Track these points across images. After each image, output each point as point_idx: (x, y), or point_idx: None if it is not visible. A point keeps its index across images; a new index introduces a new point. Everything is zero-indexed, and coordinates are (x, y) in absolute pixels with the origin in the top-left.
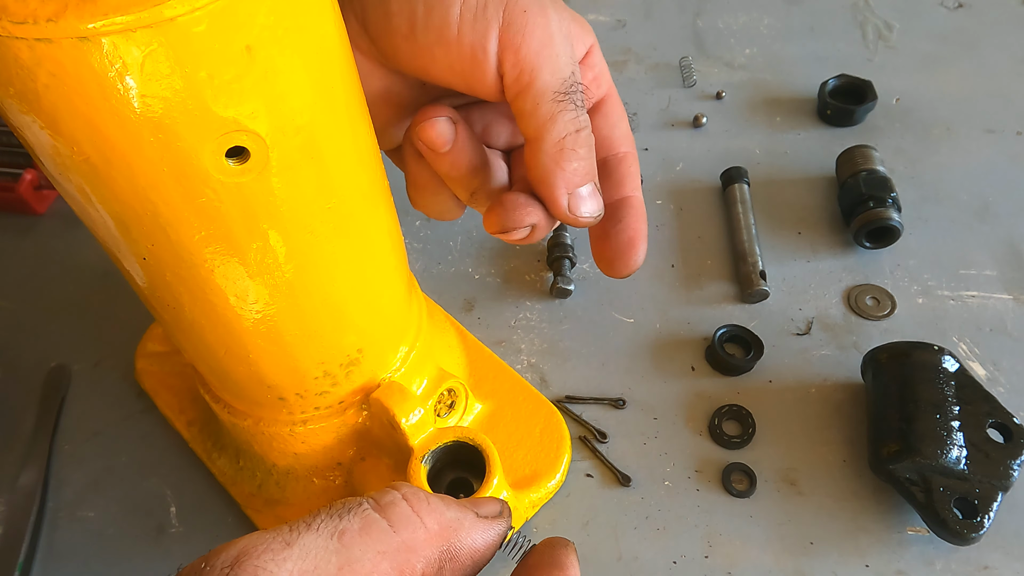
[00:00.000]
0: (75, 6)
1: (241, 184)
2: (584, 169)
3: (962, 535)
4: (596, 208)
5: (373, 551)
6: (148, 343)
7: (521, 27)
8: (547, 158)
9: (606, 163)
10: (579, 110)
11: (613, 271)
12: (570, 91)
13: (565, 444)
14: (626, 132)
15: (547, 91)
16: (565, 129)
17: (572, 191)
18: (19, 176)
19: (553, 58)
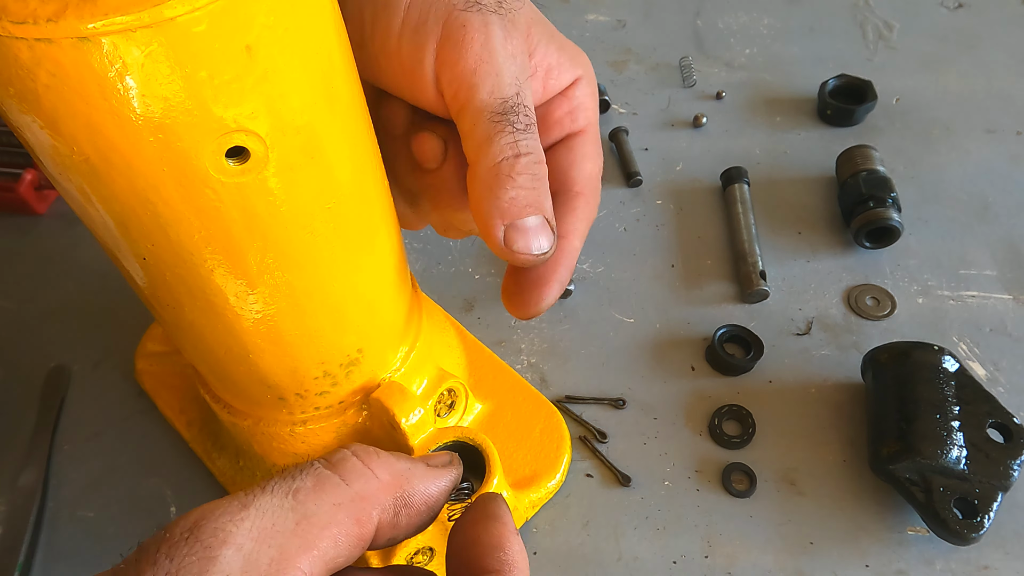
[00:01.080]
0: (75, 6)
1: (241, 184)
2: (525, 199)
3: (962, 535)
4: (539, 245)
5: (328, 504)
6: (148, 343)
7: (458, 41)
8: (480, 184)
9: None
10: (520, 133)
11: (512, 308)
12: (509, 112)
13: (565, 444)
14: (590, 175)
15: (484, 110)
16: (501, 153)
17: (510, 222)
18: (19, 176)
19: (492, 75)
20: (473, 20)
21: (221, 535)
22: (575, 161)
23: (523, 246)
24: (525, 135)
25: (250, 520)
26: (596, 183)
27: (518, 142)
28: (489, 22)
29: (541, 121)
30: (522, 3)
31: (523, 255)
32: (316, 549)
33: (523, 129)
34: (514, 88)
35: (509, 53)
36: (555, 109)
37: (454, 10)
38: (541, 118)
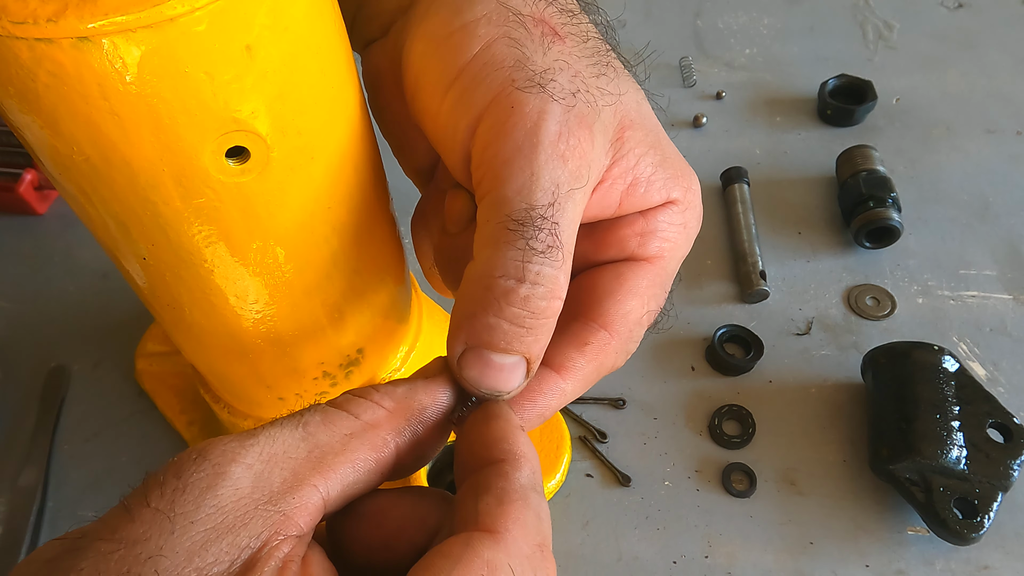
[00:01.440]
0: (75, 6)
1: (241, 184)
2: (505, 334)
3: (962, 535)
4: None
5: (340, 435)
6: (148, 343)
7: (500, 123)
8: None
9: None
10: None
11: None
12: (530, 224)
13: (565, 444)
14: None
15: (501, 209)
16: (501, 269)
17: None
18: (19, 176)
19: (525, 173)
20: (525, 102)
21: (230, 455)
22: (617, 292)
23: (475, 377)
24: (542, 259)
25: (259, 445)
26: (633, 327)
27: (528, 264)
28: (545, 110)
29: (603, 233)
30: (617, 96)
31: (471, 386)
32: (333, 472)
33: (542, 251)
34: (548, 196)
35: (559, 153)
36: (624, 225)
37: (510, 85)
38: (604, 229)
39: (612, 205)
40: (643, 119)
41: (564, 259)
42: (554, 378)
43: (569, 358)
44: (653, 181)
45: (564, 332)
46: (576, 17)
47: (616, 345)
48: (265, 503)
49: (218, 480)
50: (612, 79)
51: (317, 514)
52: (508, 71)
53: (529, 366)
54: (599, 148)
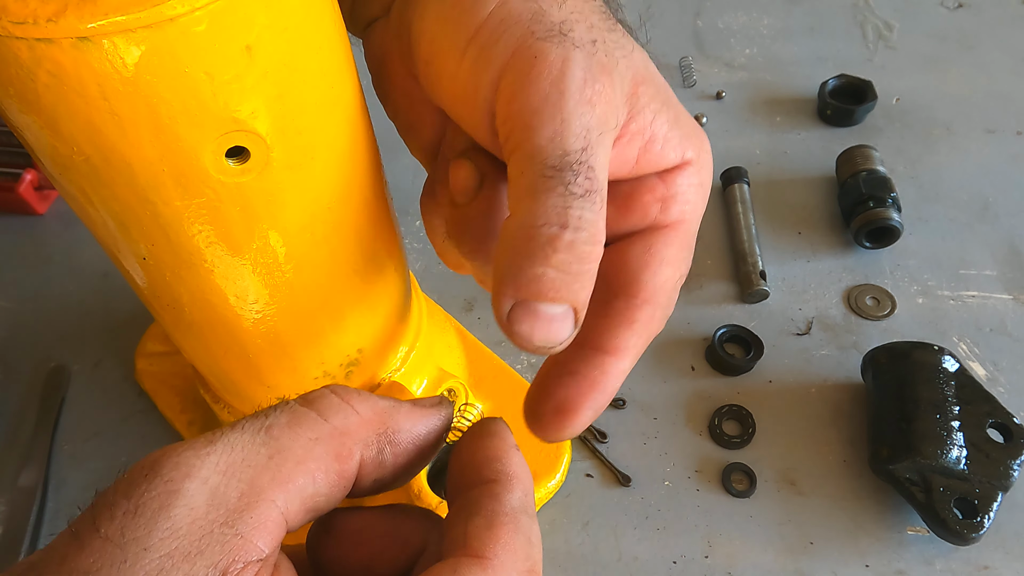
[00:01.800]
0: (75, 6)
1: (241, 184)
2: (554, 282)
3: (962, 535)
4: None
5: (304, 438)
6: (148, 343)
7: (525, 73)
8: (508, 243)
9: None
10: (576, 199)
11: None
12: (567, 168)
13: (565, 444)
14: (665, 283)
15: (537, 158)
16: (544, 217)
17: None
18: (19, 176)
19: (556, 119)
20: (550, 52)
21: (184, 468)
22: (651, 263)
23: (527, 332)
24: (582, 203)
25: (216, 454)
26: (671, 293)
27: (569, 209)
28: (570, 57)
29: (624, 200)
30: (629, 51)
31: (522, 340)
32: (291, 483)
33: (581, 195)
34: (581, 141)
35: (586, 98)
36: (645, 190)
37: (530, 37)
38: (625, 195)
39: (630, 161)
40: (653, 76)
41: (601, 203)
42: (612, 361)
43: (622, 338)
44: (669, 139)
45: (609, 313)
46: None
47: (659, 314)
48: (221, 525)
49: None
50: (622, 35)
51: (278, 531)
52: (527, 24)
53: (576, 316)
54: (619, 97)
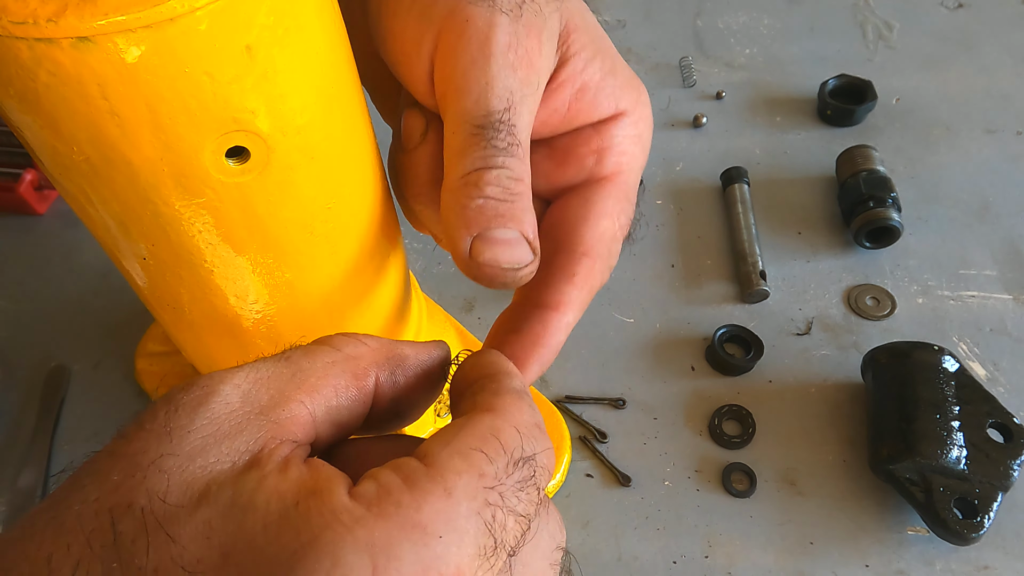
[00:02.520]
0: (75, 6)
1: (241, 184)
2: (495, 208)
3: (962, 535)
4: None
5: (321, 362)
6: (148, 343)
7: (456, 37)
8: (448, 195)
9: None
10: (497, 151)
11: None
12: (490, 127)
13: (565, 444)
14: (603, 235)
15: (464, 120)
16: (472, 164)
17: (478, 232)
18: (19, 176)
19: (481, 82)
20: (477, 16)
21: (217, 378)
22: (588, 216)
23: (490, 257)
24: (503, 154)
25: (244, 372)
26: (610, 245)
27: (493, 157)
28: (495, 22)
29: (561, 154)
30: (558, 5)
31: (490, 268)
32: (316, 392)
33: (503, 148)
34: (503, 102)
35: (509, 63)
36: (580, 142)
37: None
38: (562, 149)
39: (561, 110)
40: (588, 25)
41: (523, 153)
42: (555, 315)
43: (563, 292)
44: (602, 87)
45: (550, 267)
46: None
47: (599, 266)
48: (256, 414)
49: (207, 399)
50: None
51: (308, 427)
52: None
53: (530, 243)
54: (547, 54)
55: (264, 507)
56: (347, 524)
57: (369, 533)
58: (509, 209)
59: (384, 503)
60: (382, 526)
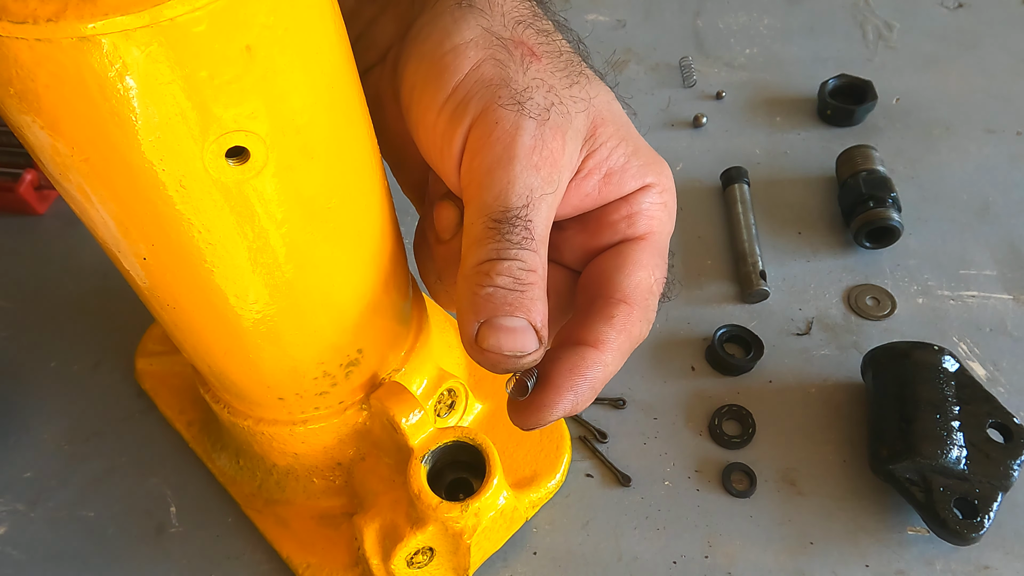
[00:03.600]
0: (75, 6)
1: (241, 184)
2: (504, 297)
3: (962, 535)
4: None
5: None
6: (148, 343)
7: (485, 136)
8: (462, 281)
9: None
10: (510, 244)
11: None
12: (506, 222)
13: (565, 444)
14: (639, 285)
15: (483, 213)
16: (486, 255)
17: (485, 319)
18: (19, 176)
19: (503, 181)
20: (505, 119)
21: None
22: (624, 267)
23: (493, 344)
24: (517, 247)
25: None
26: (647, 296)
27: (507, 249)
28: (521, 126)
29: (594, 224)
30: (588, 100)
31: (492, 355)
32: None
33: (516, 242)
34: (522, 200)
35: (532, 164)
36: (612, 212)
37: (494, 103)
38: (595, 220)
39: (592, 194)
40: (614, 116)
41: (538, 246)
42: (594, 353)
43: (601, 332)
44: (627, 169)
45: (588, 313)
46: (551, 36)
47: (638, 314)
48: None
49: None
50: (584, 86)
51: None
52: (494, 89)
53: (537, 332)
54: (571, 152)
55: None
56: None
57: None
58: (518, 299)
59: None
60: None
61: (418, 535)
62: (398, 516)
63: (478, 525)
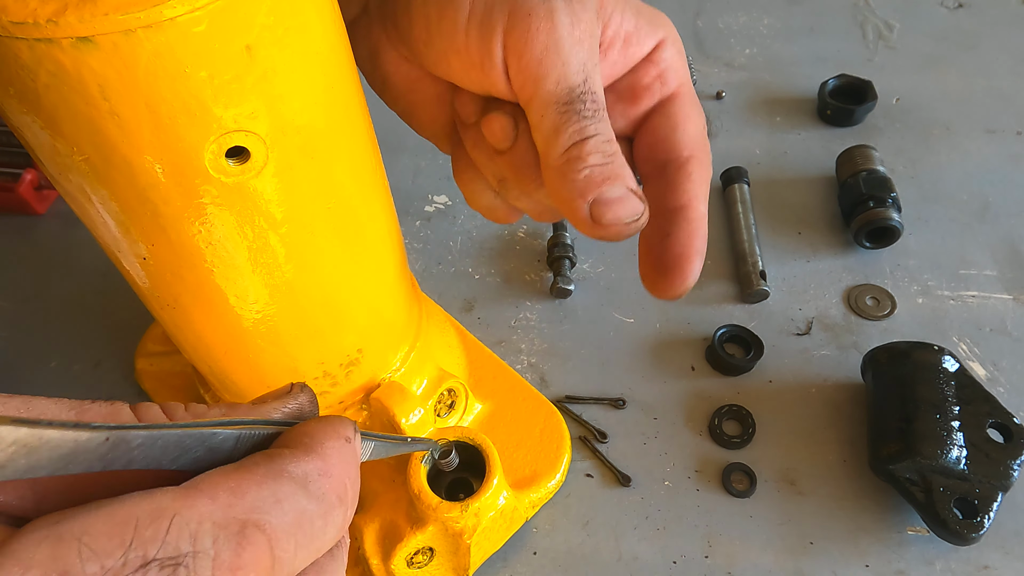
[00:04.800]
0: (75, 6)
1: (241, 184)
2: (600, 173)
3: (962, 535)
4: (628, 212)
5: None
6: (148, 343)
7: (524, 32)
8: (555, 173)
9: (664, 168)
10: (587, 120)
11: (657, 291)
12: (576, 100)
13: (565, 444)
14: (693, 135)
15: (550, 102)
16: (569, 140)
17: (592, 197)
18: (19, 176)
19: (558, 66)
20: (538, 9)
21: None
22: (677, 124)
23: (612, 217)
24: (592, 120)
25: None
26: (704, 142)
27: (584, 128)
28: (554, 9)
29: (630, 91)
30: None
31: (615, 227)
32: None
33: (590, 116)
34: (581, 76)
35: (576, 39)
36: (643, 76)
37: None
38: (629, 88)
39: (620, 61)
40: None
41: (605, 115)
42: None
43: (687, 191)
44: (640, 29)
45: (666, 179)
46: None
47: (705, 160)
48: None
49: None
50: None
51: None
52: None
53: (636, 192)
54: (596, 22)
55: None
56: None
57: None
58: (612, 170)
59: None
60: None
61: (418, 535)
62: (398, 516)
63: (478, 525)
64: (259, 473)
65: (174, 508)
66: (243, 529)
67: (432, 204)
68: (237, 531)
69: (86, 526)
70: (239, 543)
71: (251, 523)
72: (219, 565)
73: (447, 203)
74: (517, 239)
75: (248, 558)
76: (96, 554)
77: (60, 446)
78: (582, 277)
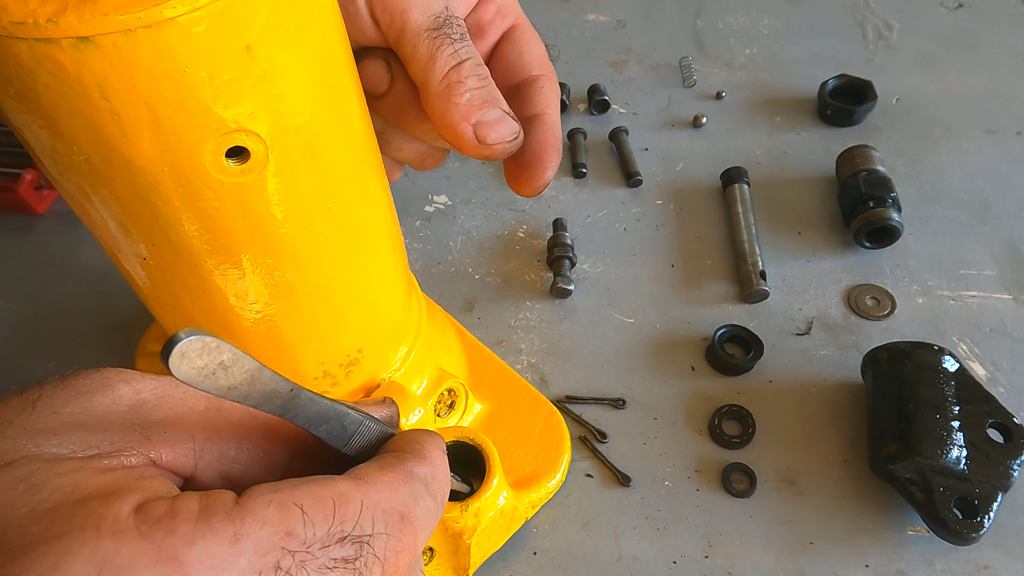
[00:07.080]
0: (75, 6)
1: (241, 184)
2: (479, 96)
3: (962, 535)
4: (508, 131)
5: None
6: (148, 343)
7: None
8: (437, 99)
9: (517, 88)
10: (458, 43)
11: (519, 187)
12: (444, 25)
13: (565, 444)
14: (539, 56)
15: (420, 31)
16: (446, 65)
17: (475, 120)
18: (19, 176)
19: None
20: None
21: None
22: (523, 50)
23: (496, 136)
24: (462, 43)
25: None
26: (548, 62)
27: (458, 51)
28: None
29: (475, 28)
30: None
31: (499, 145)
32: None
33: (459, 38)
34: (442, 3)
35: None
36: (484, 13)
37: None
38: (475, 25)
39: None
40: None
41: (469, 39)
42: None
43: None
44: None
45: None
46: None
47: (552, 77)
48: (133, 425)
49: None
50: None
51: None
52: None
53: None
54: None
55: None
56: (102, 532)
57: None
58: (489, 93)
59: (157, 526)
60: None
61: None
62: None
63: (478, 525)
64: (401, 473)
65: (356, 495)
66: (402, 519)
67: (432, 204)
68: (399, 520)
69: (298, 498)
70: (401, 529)
71: (406, 515)
72: (391, 546)
73: (447, 203)
74: (517, 239)
75: (407, 542)
76: (313, 523)
77: (267, 384)
78: (582, 277)
